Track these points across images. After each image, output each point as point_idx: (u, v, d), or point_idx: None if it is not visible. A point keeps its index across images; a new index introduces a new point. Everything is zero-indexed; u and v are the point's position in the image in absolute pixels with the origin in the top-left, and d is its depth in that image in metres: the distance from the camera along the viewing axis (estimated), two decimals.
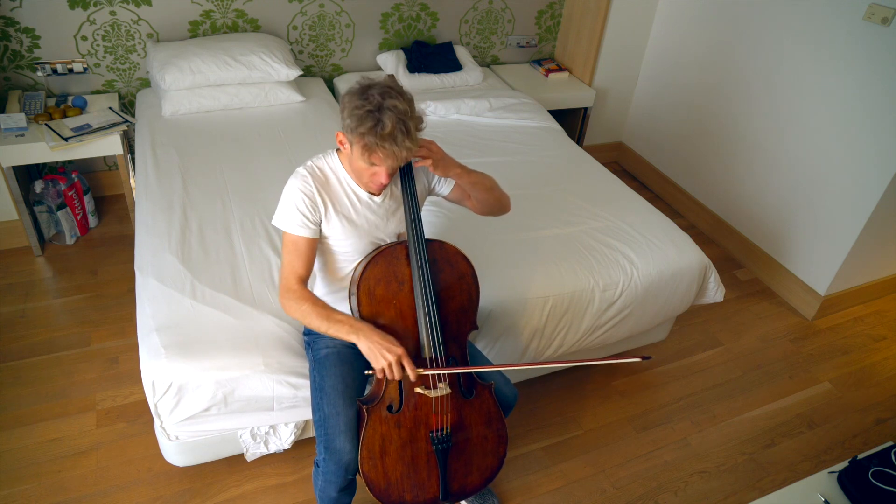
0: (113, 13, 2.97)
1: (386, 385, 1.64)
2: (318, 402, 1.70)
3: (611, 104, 4.07)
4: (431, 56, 3.59)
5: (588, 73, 3.88)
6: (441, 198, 1.86)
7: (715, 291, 2.52)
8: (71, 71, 3.02)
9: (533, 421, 2.42)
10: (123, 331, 2.58)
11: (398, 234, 1.77)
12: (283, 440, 2.00)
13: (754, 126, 3.26)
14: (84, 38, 2.98)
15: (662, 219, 2.58)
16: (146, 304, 1.92)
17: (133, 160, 2.95)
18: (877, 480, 1.66)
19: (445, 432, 1.69)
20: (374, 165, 1.54)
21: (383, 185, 1.59)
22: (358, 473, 1.65)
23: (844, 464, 1.74)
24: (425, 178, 1.79)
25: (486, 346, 2.14)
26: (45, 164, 3.18)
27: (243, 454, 1.99)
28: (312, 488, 1.98)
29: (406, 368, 1.57)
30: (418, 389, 1.65)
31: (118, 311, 2.67)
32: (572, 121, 3.99)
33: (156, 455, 2.11)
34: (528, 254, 2.26)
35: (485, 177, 1.80)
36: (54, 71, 2.99)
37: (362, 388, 1.75)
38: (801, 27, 2.92)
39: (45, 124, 2.76)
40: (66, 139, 2.69)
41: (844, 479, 1.69)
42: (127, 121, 2.88)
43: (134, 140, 2.96)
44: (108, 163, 3.33)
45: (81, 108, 2.93)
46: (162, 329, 1.83)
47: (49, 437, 2.17)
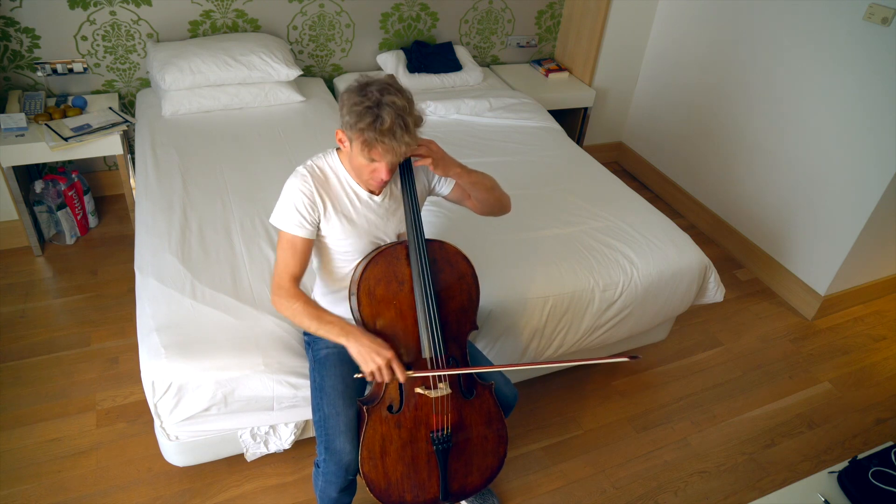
0: (113, 13, 2.97)
1: (386, 385, 1.64)
2: (318, 402, 1.70)
3: (611, 104, 4.07)
4: (431, 56, 3.59)
5: (588, 73, 3.88)
6: (441, 198, 1.86)
7: (715, 291, 2.53)
8: (71, 71, 3.01)
9: (533, 421, 2.42)
10: (123, 331, 2.58)
11: (398, 234, 1.77)
12: (283, 440, 2.00)
13: (754, 126, 3.26)
14: (84, 38, 2.98)
15: (662, 219, 2.58)
16: (146, 304, 1.92)
17: (133, 160, 2.95)
18: (877, 480, 1.66)
19: (446, 432, 1.69)
20: (373, 162, 1.54)
21: (384, 181, 1.58)
22: (358, 474, 1.65)
23: (844, 464, 1.74)
24: (425, 177, 1.79)
25: (486, 346, 2.14)
26: (45, 164, 3.18)
27: (243, 454, 1.99)
28: (312, 488, 1.98)
29: (395, 371, 1.57)
30: (418, 390, 1.65)
31: (118, 311, 2.67)
32: (572, 121, 3.99)
33: (156, 455, 2.11)
34: (528, 254, 2.26)
35: (485, 177, 1.80)
36: (54, 71, 2.99)
37: (362, 389, 1.74)
38: (801, 27, 2.92)
39: (45, 124, 2.76)
40: (66, 139, 2.69)
41: (844, 479, 1.69)
42: (127, 121, 2.88)
43: (134, 140, 2.96)
44: (108, 163, 3.33)
45: (81, 108, 2.93)
46: (162, 329, 1.83)
47: (49, 437, 2.17)
